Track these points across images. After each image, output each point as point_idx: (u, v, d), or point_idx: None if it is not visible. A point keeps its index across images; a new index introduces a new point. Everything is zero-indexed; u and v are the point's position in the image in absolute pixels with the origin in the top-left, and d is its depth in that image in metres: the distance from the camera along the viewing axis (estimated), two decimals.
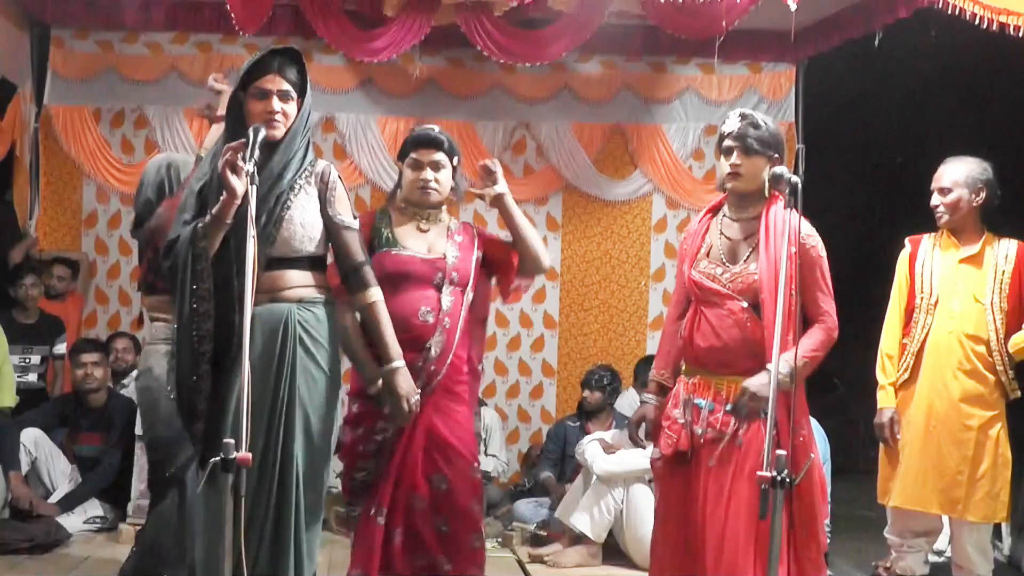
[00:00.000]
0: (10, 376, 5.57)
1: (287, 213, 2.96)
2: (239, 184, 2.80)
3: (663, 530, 3.22)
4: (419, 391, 3.23)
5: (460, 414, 3.41)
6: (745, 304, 3.05)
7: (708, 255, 3.17)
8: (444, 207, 3.49)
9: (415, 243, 3.40)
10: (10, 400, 5.52)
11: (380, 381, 3.20)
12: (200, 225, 2.87)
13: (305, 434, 2.97)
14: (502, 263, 3.53)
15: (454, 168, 3.46)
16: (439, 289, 3.36)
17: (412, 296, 3.33)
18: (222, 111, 4.03)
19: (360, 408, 3.38)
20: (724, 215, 3.20)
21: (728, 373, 3.08)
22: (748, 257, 3.09)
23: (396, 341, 3.14)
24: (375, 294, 3.12)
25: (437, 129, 3.46)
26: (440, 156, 3.40)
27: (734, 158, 3.10)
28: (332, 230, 3.07)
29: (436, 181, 3.39)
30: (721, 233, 3.17)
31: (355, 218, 3.13)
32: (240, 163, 2.77)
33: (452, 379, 3.38)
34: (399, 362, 3.13)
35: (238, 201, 2.82)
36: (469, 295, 3.42)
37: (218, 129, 4.07)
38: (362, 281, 3.11)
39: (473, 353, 3.51)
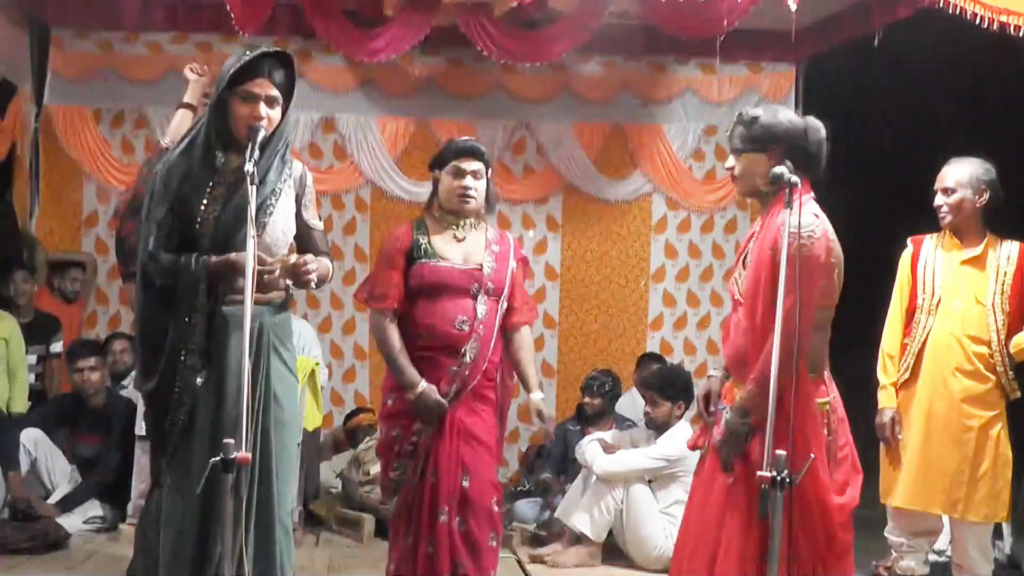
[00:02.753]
0: (25, 382, 5.57)
1: (270, 219, 2.97)
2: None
3: (683, 527, 3.21)
4: (453, 395, 3.45)
5: (486, 415, 3.58)
6: None
7: (743, 262, 3.09)
8: (479, 216, 3.62)
9: (452, 253, 3.53)
10: (22, 407, 5.53)
11: (419, 388, 3.41)
12: (203, 270, 2.89)
13: (280, 433, 3.00)
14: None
15: (488, 179, 3.60)
16: (475, 298, 3.50)
17: (449, 305, 3.48)
18: (188, 98, 4.23)
19: (395, 406, 3.53)
20: None
21: (741, 379, 3.00)
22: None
23: None
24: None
25: (474, 140, 3.65)
26: (479, 166, 3.54)
27: (729, 161, 3.05)
28: (302, 230, 3.13)
29: (475, 190, 3.53)
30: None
31: (320, 220, 3.25)
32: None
33: (483, 384, 3.55)
34: None
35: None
36: (503, 304, 3.58)
37: (182, 115, 4.13)
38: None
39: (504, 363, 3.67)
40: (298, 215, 3.10)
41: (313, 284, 2.98)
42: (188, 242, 2.94)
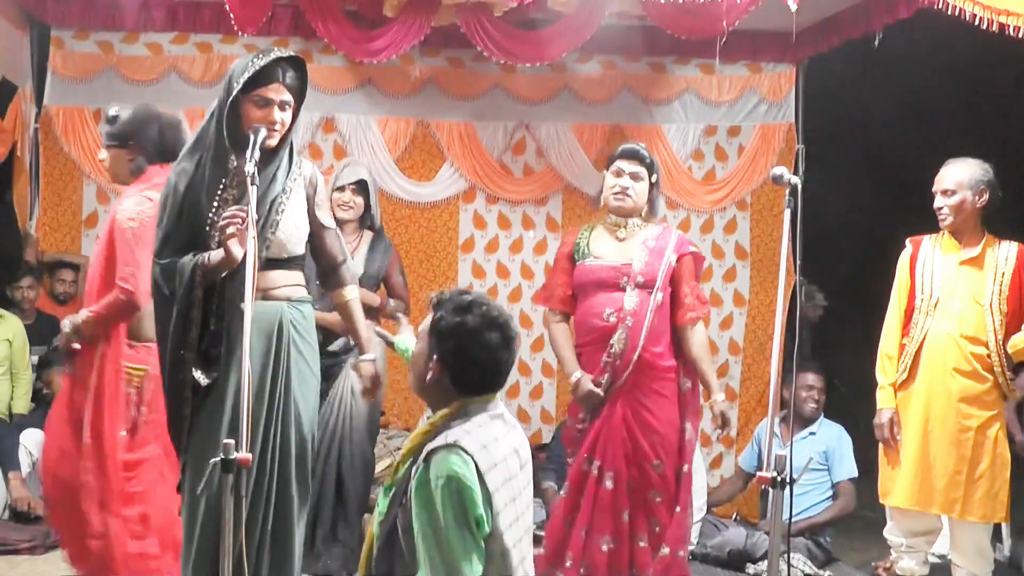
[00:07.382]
0: (28, 383, 5.57)
1: (282, 217, 2.99)
2: (239, 251, 2.80)
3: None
4: (608, 385, 3.71)
5: (663, 411, 3.76)
6: None
7: None
8: (646, 218, 3.88)
9: (607, 251, 3.80)
10: (24, 407, 5.53)
11: (575, 376, 3.77)
12: (199, 267, 2.87)
13: (297, 431, 3.00)
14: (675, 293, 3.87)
15: (652, 184, 3.86)
16: (623, 291, 3.72)
17: (598, 300, 3.76)
18: None
19: (572, 402, 3.95)
20: None
21: None
22: None
23: (369, 336, 3.32)
24: (350, 292, 3.27)
25: (642, 146, 3.94)
26: (639, 169, 3.82)
27: (101, 153, 3.79)
28: (315, 230, 3.14)
29: (632, 190, 3.80)
30: None
31: (333, 218, 3.31)
32: (241, 229, 2.79)
33: (645, 375, 3.73)
34: (371, 355, 3.30)
35: (236, 265, 2.82)
36: (657, 295, 3.74)
37: None
38: (339, 279, 3.24)
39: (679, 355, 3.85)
40: (310, 214, 3.12)
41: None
42: (198, 247, 2.94)
